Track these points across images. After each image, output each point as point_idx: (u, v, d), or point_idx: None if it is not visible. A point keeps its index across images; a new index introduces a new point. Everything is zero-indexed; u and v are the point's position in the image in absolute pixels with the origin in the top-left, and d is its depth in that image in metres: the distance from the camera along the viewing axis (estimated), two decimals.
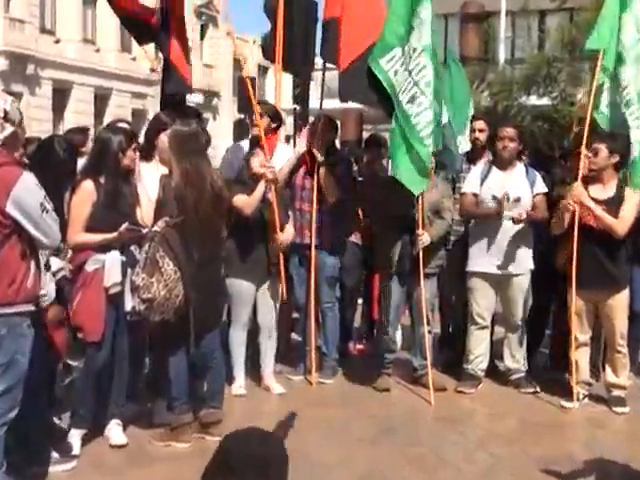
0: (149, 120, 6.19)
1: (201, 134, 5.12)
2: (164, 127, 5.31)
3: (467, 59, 19.38)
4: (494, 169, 6.27)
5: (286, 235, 6.01)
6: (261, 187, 5.79)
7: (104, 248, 4.74)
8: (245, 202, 5.76)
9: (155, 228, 4.79)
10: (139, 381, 5.38)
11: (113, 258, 4.75)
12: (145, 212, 4.94)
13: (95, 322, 4.70)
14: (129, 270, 4.79)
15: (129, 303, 4.78)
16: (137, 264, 4.75)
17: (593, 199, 5.76)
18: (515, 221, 6.03)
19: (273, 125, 6.57)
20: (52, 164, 4.74)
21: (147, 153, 5.45)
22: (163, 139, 5.25)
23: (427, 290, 6.19)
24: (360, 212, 6.99)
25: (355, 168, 7.40)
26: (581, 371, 5.97)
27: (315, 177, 6.27)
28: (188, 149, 4.92)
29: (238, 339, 6.05)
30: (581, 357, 5.98)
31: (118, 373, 4.95)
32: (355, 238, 7.00)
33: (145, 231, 4.81)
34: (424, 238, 6.01)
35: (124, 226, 4.68)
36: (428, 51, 5.87)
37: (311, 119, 7.39)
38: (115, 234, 4.70)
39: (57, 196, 4.42)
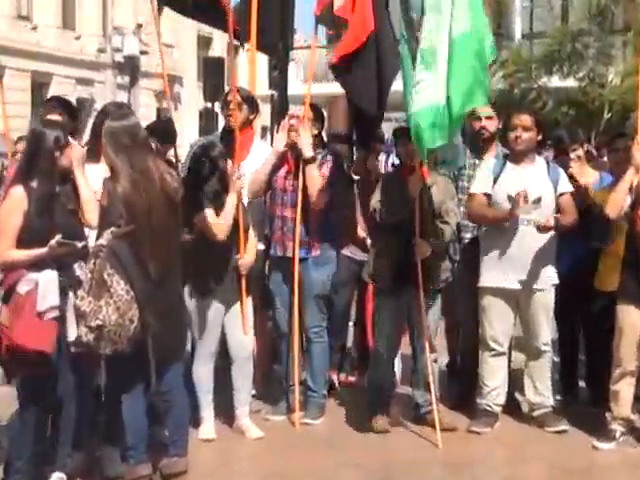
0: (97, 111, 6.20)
1: (138, 127, 5.11)
2: None
3: None
4: (508, 165, 6.29)
5: (248, 258, 6.02)
6: (232, 202, 5.79)
7: (38, 266, 4.74)
8: (214, 227, 5.75)
9: (100, 241, 4.80)
10: (87, 426, 5.36)
11: (47, 277, 4.75)
12: (92, 218, 4.96)
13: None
14: (71, 293, 4.79)
15: (73, 332, 4.77)
16: (81, 286, 4.75)
17: None
18: (541, 228, 6.06)
19: (251, 117, 6.58)
20: None
21: (93, 151, 5.45)
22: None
23: (430, 310, 6.21)
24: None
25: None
26: (621, 405, 5.96)
27: (300, 178, 6.24)
28: (126, 146, 4.94)
29: (204, 372, 6.03)
30: (624, 388, 5.96)
31: (63, 417, 4.94)
32: (348, 251, 7.00)
33: (81, 245, 4.81)
34: (424, 247, 6.03)
35: (55, 239, 4.68)
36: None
37: (292, 107, 7.40)
38: (45, 249, 4.70)
39: None
